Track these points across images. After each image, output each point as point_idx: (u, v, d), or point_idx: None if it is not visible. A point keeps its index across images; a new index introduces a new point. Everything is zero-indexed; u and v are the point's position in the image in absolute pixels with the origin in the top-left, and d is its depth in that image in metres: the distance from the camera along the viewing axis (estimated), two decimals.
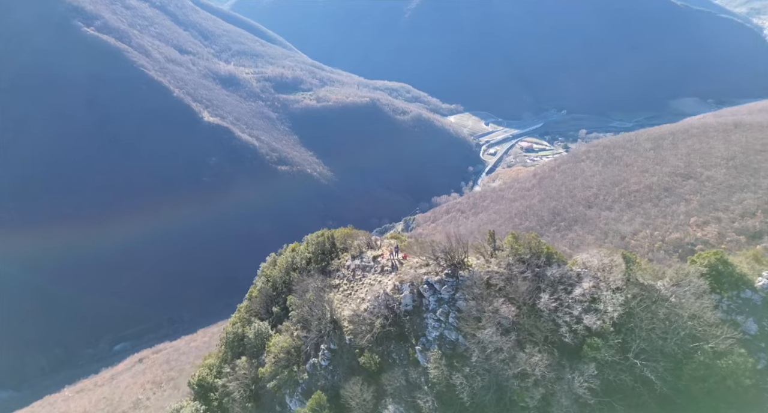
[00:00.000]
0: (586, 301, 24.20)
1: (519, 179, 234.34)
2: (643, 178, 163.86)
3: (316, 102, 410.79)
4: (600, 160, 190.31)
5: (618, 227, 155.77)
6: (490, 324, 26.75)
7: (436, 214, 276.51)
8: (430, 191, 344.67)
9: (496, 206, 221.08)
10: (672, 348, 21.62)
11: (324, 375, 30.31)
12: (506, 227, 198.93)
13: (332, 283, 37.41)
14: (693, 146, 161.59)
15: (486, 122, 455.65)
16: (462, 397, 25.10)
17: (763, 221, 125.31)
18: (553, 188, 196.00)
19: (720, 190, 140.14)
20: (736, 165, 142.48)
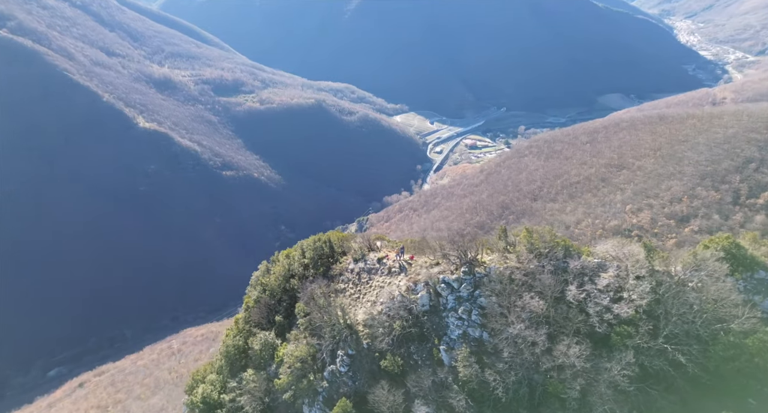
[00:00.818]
0: (612, 290, 25.07)
1: (467, 176, 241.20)
2: (582, 170, 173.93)
3: (260, 104, 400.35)
4: (542, 154, 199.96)
5: (562, 218, 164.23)
6: (519, 318, 26.82)
7: (389, 213, 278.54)
8: (381, 190, 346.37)
9: (447, 202, 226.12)
10: (700, 331, 22.85)
11: (345, 382, 29.57)
12: (458, 223, 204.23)
13: (337, 288, 36.55)
14: (624, 138, 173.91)
15: (431, 121, 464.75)
16: (497, 393, 25.15)
17: (690, 206, 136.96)
18: (500, 183, 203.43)
19: (650, 178, 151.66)
20: (662, 155, 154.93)
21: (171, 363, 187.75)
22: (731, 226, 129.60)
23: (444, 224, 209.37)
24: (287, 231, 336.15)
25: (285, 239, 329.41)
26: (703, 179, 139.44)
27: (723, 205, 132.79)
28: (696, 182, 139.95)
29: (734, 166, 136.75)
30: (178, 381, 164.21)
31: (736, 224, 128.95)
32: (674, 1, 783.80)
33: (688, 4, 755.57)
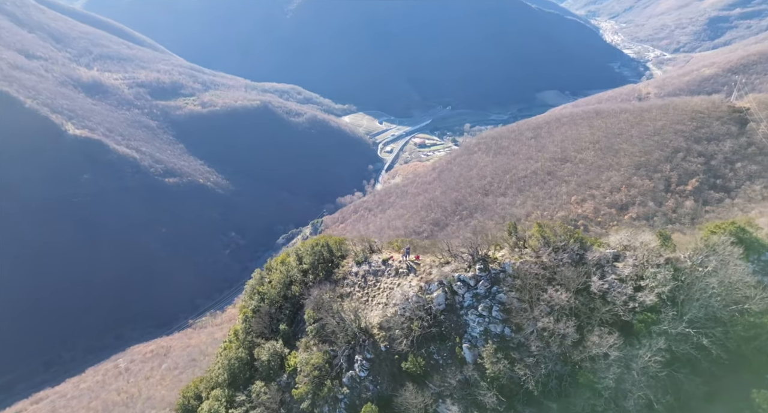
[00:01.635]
0: (633, 279, 26.03)
1: (420, 174, 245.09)
2: (528, 164, 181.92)
3: (201, 107, 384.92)
4: (490, 150, 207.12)
5: (513, 211, 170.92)
6: (545, 312, 27.23)
7: (344, 214, 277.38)
8: (333, 192, 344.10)
9: (401, 201, 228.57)
10: (720, 314, 23.97)
11: (366, 387, 29.13)
12: (414, 221, 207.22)
13: (342, 292, 35.81)
14: (566, 133, 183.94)
15: (380, 121, 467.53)
16: (527, 387, 25.48)
17: (628, 195, 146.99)
18: (452, 180, 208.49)
19: (591, 170, 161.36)
20: (601, 148, 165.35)
21: (119, 383, 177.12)
22: (665, 212, 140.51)
23: (400, 223, 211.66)
24: (238, 238, 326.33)
25: (236, 246, 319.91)
26: (638, 169, 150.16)
27: (657, 192, 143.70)
28: (632, 172, 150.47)
29: (664, 156, 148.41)
30: (129, 402, 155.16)
31: (668, 209, 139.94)
32: (599, 3, 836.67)
33: (611, 5, 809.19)
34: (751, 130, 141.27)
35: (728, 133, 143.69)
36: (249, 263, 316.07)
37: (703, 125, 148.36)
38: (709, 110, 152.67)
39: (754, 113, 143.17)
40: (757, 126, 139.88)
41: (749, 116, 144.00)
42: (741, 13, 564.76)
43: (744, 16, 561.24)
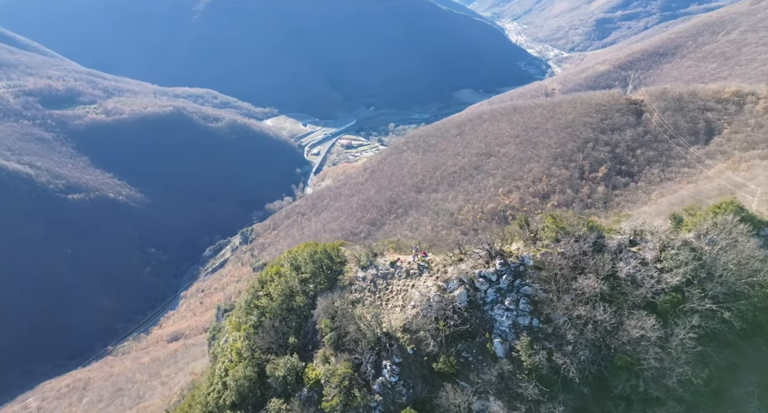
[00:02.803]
0: (656, 261, 27.04)
1: (351, 175, 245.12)
2: (456, 160, 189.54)
3: (106, 116, 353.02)
4: (419, 149, 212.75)
5: (446, 206, 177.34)
6: (576, 301, 27.52)
7: (276, 221, 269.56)
8: (261, 198, 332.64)
9: (336, 203, 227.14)
10: (739, 288, 25.32)
11: (399, 392, 28.26)
12: (350, 222, 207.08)
13: (352, 298, 34.36)
14: (488, 129, 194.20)
15: (304, 123, 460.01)
16: (567, 375, 25.73)
17: (548, 184, 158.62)
18: (385, 179, 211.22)
19: (514, 163, 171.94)
20: (521, 141, 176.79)
21: None
22: (581, 198, 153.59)
23: (336, 225, 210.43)
24: (158, 253, 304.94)
25: (157, 262, 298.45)
26: (555, 160, 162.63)
27: (573, 180, 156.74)
28: (550, 162, 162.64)
29: (577, 146, 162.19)
30: None
31: (584, 195, 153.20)
32: (502, 5, 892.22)
33: (512, 8, 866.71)
34: (646, 120, 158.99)
35: (628, 123, 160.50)
36: (173, 280, 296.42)
37: (606, 117, 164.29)
38: (610, 103, 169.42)
39: (647, 104, 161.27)
40: (651, 116, 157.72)
41: (644, 107, 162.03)
42: (622, 15, 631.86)
43: (625, 17, 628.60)
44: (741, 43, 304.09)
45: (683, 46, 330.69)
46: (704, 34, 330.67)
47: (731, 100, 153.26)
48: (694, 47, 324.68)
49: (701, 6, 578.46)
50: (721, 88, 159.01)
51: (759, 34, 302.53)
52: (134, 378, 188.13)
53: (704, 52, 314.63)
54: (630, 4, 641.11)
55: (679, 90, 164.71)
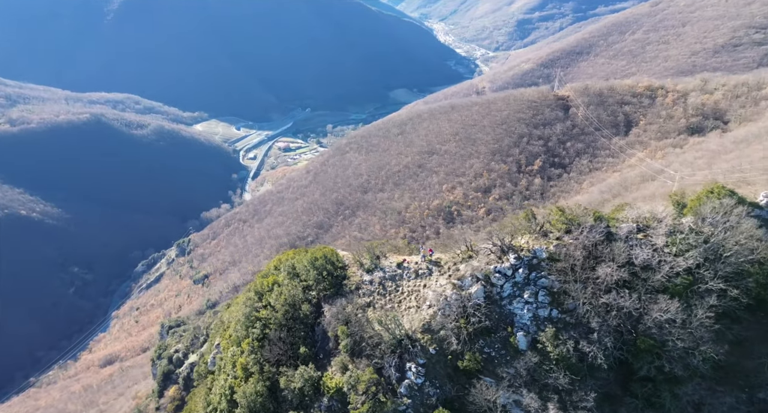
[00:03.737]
0: (668, 246, 27.91)
1: (293, 178, 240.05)
2: (400, 159, 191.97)
3: (11, 126, 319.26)
4: (362, 149, 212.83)
5: (393, 205, 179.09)
6: (598, 289, 28.08)
7: (215, 229, 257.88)
8: (196, 207, 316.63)
9: (279, 208, 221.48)
10: (744, 267, 26.41)
11: (427, 393, 27.99)
12: (296, 226, 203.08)
13: (360, 302, 33.38)
14: (428, 127, 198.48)
15: (237, 127, 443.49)
16: (595, 362, 26.31)
17: (489, 179, 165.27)
18: (330, 181, 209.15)
19: (456, 160, 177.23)
20: (461, 138, 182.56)
21: None
22: (520, 190, 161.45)
23: (282, 231, 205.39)
24: (83, 272, 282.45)
25: (82, 282, 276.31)
26: (494, 155, 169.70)
27: (512, 174, 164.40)
28: (489, 158, 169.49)
29: (513, 141, 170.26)
30: None
31: (523, 188, 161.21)
32: (429, 6, 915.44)
33: (439, 9, 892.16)
34: (573, 114, 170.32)
35: (557, 118, 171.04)
36: (103, 299, 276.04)
37: (538, 113, 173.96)
38: (540, 99, 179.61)
39: (573, 99, 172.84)
40: (577, 110, 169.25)
41: (570, 102, 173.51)
42: (540, 16, 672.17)
43: (542, 18, 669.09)
44: (645, 41, 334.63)
45: (596, 45, 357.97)
46: (613, 34, 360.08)
47: (644, 94, 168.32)
48: (605, 46, 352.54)
49: (607, 8, 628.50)
50: (635, 84, 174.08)
51: (659, 34, 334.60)
52: (66, 409, 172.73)
53: (615, 51, 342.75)
54: (546, 6, 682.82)
55: (599, 86, 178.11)
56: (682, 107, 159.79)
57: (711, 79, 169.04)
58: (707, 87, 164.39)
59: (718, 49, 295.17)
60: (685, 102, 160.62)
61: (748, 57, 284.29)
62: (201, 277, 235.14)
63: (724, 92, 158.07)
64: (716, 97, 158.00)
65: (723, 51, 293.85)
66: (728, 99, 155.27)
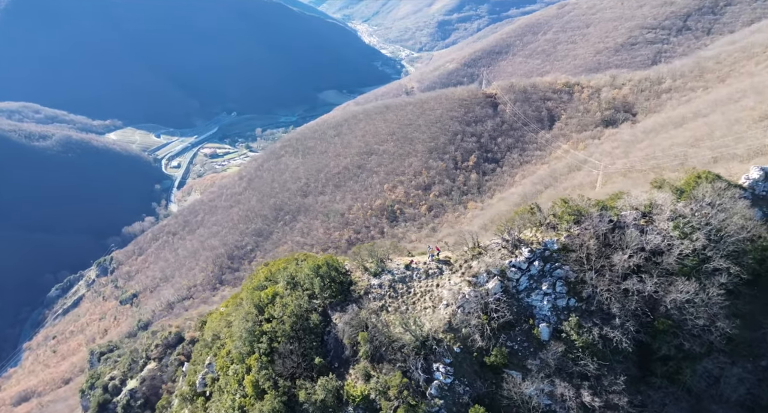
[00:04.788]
0: (675, 230, 28.84)
1: (226, 185, 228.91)
2: (339, 161, 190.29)
3: None
4: (298, 152, 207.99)
5: (335, 207, 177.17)
6: (615, 276, 28.69)
7: (141, 245, 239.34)
8: (116, 222, 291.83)
9: (212, 217, 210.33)
10: (742, 245, 27.99)
11: (458, 392, 27.41)
12: (233, 235, 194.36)
13: (371, 307, 32.05)
14: (365, 128, 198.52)
15: (157, 134, 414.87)
16: (621, 346, 26.92)
17: (428, 176, 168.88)
18: (266, 187, 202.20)
19: (395, 159, 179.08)
20: (398, 138, 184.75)
21: None
22: (459, 186, 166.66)
23: (217, 241, 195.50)
24: None
25: None
26: (431, 153, 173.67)
27: (449, 171, 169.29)
28: (427, 156, 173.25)
29: (448, 139, 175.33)
30: None
31: (461, 183, 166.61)
32: (351, 7, 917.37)
33: (361, 10, 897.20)
34: (501, 111, 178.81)
35: (487, 115, 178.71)
36: (10, 330, 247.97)
37: (469, 111, 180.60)
38: (470, 97, 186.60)
39: (500, 97, 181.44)
40: (505, 107, 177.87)
41: (498, 99, 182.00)
42: (458, 18, 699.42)
43: (460, 19, 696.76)
44: (556, 41, 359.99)
45: (513, 45, 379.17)
46: (527, 34, 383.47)
47: (563, 90, 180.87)
48: (521, 46, 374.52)
49: (519, 10, 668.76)
50: (555, 81, 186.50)
51: (567, 34, 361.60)
52: None
53: (530, 50, 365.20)
54: (463, 8, 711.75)
55: (523, 83, 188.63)
56: (597, 101, 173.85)
57: (619, 76, 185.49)
58: (616, 82, 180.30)
59: (618, 48, 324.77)
60: (599, 97, 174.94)
61: (643, 55, 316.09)
62: (129, 296, 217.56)
63: (630, 87, 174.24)
64: (624, 91, 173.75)
65: (623, 49, 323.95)
66: (635, 93, 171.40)
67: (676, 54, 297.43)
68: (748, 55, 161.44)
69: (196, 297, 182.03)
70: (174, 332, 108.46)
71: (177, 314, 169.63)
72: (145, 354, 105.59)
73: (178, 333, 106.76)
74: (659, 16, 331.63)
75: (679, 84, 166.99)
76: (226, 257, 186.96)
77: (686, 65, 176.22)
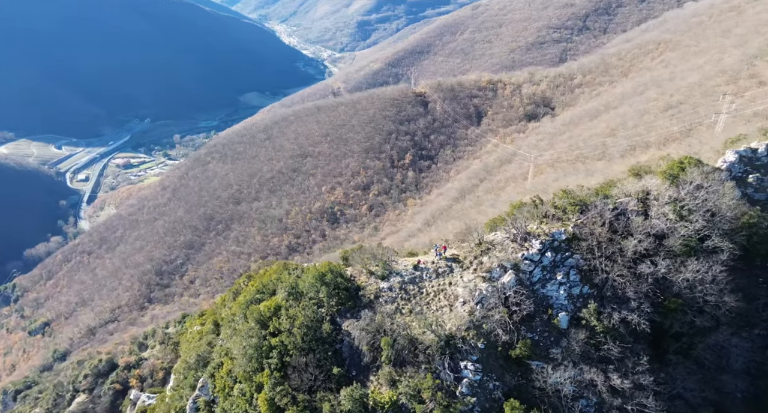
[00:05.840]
0: (675, 213, 30.28)
1: (147, 197, 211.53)
2: (272, 165, 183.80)
3: None
4: (227, 158, 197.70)
5: (272, 213, 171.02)
6: (626, 261, 29.59)
7: (50, 268, 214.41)
8: (16, 245, 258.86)
9: (134, 232, 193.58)
10: (733, 223, 30.08)
11: (489, 388, 27.23)
12: (160, 250, 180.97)
13: (385, 310, 30.93)
14: (297, 130, 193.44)
15: (57, 146, 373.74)
16: (640, 328, 27.89)
17: (366, 176, 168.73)
18: (194, 196, 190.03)
19: (331, 161, 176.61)
20: (333, 139, 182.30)
21: None
22: (397, 184, 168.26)
23: (142, 257, 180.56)
24: None
25: None
26: (367, 153, 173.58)
27: (386, 170, 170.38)
28: (364, 156, 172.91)
29: (383, 138, 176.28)
30: None
31: (399, 182, 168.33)
32: (267, 7, 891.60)
33: (278, 10, 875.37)
34: (432, 109, 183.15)
35: (419, 113, 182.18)
36: None
37: (401, 110, 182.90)
38: (401, 96, 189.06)
39: (429, 95, 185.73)
40: (435, 105, 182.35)
41: (427, 98, 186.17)
42: (377, 18, 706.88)
43: (379, 20, 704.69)
44: (473, 41, 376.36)
45: (433, 45, 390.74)
46: (446, 34, 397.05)
47: (488, 87, 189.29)
48: (441, 45, 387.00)
49: (434, 11, 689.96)
50: (479, 78, 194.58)
51: (483, 34, 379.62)
52: None
53: (450, 50, 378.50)
54: (381, 8, 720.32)
55: (450, 81, 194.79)
56: (519, 97, 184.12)
57: (536, 72, 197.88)
58: (534, 79, 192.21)
59: (529, 47, 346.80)
60: (520, 93, 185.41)
61: (552, 53, 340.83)
62: (39, 326, 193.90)
63: (547, 83, 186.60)
64: (542, 87, 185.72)
65: (533, 48, 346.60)
66: (551, 88, 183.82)
67: (579, 52, 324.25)
68: (644, 51, 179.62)
69: (122, 319, 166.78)
70: (105, 359, 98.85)
71: (101, 340, 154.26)
72: (72, 387, 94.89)
73: (110, 361, 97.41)
74: (562, 17, 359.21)
75: (589, 79, 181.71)
76: (154, 274, 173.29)
77: (593, 62, 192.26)
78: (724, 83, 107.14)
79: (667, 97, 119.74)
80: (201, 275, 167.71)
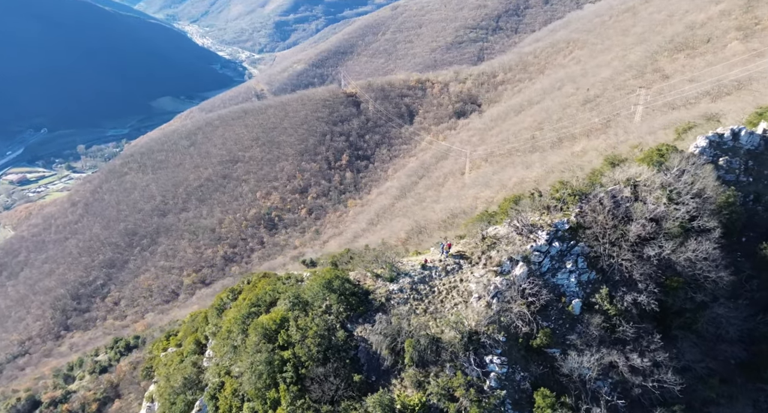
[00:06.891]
0: (670, 199, 31.98)
1: (53, 215, 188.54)
2: (199, 173, 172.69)
3: None
4: (146, 168, 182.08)
5: (203, 223, 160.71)
6: (629, 245, 30.77)
7: None
8: None
9: (41, 255, 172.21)
10: (717, 202, 32.73)
11: (516, 379, 27.43)
12: (76, 271, 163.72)
13: (398, 312, 30.21)
14: (224, 135, 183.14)
15: None
16: (650, 308, 29.10)
17: (303, 179, 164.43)
18: (111, 210, 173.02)
19: (264, 165, 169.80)
20: (264, 143, 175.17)
21: None
22: (335, 186, 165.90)
23: (54, 281, 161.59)
24: None
25: None
26: (302, 155, 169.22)
27: (324, 171, 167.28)
28: (299, 158, 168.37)
29: (317, 140, 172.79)
30: None
31: (337, 183, 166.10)
32: (175, 7, 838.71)
33: (187, 9, 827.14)
34: (364, 109, 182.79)
35: (352, 114, 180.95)
36: None
37: (334, 110, 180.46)
38: (332, 97, 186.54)
39: (361, 95, 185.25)
40: (367, 105, 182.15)
41: (359, 98, 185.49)
42: (295, 18, 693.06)
43: (298, 20, 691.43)
44: (395, 41, 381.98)
45: (356, 45, 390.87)
46: (368, 34, 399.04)
47: (417, 86, 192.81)
48: (364, 46, 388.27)
49: (353, 11, 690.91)
50: (408, 78, 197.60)
51: (404, 34, 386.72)
52: None
53: (373, 50, 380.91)
54: (298, 8, 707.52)
55: (380, 81, 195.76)
56: (447, 95, 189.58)
57: (461, 71, 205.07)
58: (460, 77, 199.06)
59: (449, 46, 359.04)
60: (448, 91, 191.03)
61: (470, 52, 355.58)
62: None
63: (472, 81, 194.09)
64: (468, 85, 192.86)
65: (453, 48, 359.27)
66: (476, 86, 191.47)
67: (495, 51, 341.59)
68: (556, 50, 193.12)
69: (35, 352, 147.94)
70: (24, 396, 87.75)
71: (10, 376, 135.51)
72: None
73: (30, 398, 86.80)
74: (477, 17, 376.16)
75: (510, 76, 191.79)
76: (70, 298, 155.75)
77: (512, 60, 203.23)
78: (632, 78, 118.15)
79: (584, 91, 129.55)
80: (126, 295, 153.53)
